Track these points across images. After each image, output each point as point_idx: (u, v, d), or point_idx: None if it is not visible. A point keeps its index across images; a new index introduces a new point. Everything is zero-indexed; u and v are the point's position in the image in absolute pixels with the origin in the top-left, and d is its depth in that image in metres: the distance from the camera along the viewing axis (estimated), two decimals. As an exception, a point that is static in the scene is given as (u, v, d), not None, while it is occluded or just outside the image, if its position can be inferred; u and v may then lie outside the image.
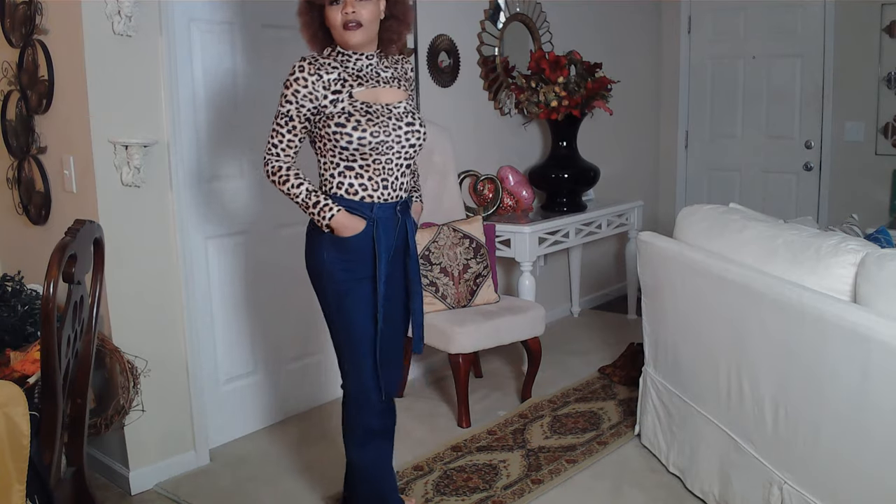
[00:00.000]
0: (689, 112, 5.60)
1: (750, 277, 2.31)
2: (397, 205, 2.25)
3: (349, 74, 2.19)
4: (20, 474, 1.73)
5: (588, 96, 4.13)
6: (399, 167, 2.22)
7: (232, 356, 3.25)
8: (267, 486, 2.89)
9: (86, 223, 2.02)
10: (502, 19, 4.30)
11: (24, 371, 2.30)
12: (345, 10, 2.12)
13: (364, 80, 2.21)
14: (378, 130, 2.15)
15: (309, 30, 2.22)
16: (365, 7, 2.14)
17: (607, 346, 4.34)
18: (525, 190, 4.32)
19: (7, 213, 3.17)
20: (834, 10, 4.83)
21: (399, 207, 2.26)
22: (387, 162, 2.19)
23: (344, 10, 2.13)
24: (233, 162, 3.16)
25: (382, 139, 2.15)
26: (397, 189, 2.24)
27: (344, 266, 2.22)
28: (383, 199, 2.21)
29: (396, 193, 2.24)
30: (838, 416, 1.98)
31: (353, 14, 2.12)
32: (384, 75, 2.26)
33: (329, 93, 2.15)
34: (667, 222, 5.01)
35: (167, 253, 2.86)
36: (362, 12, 2.14)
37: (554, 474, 2.89)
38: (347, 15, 2.12)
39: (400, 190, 2.25)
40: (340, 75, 2.18)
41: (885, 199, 4.75)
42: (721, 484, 2.54)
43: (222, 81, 3.10)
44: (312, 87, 2.14)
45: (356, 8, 2.13)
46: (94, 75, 2.60)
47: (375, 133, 2.14)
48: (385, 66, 2.28)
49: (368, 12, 2.15)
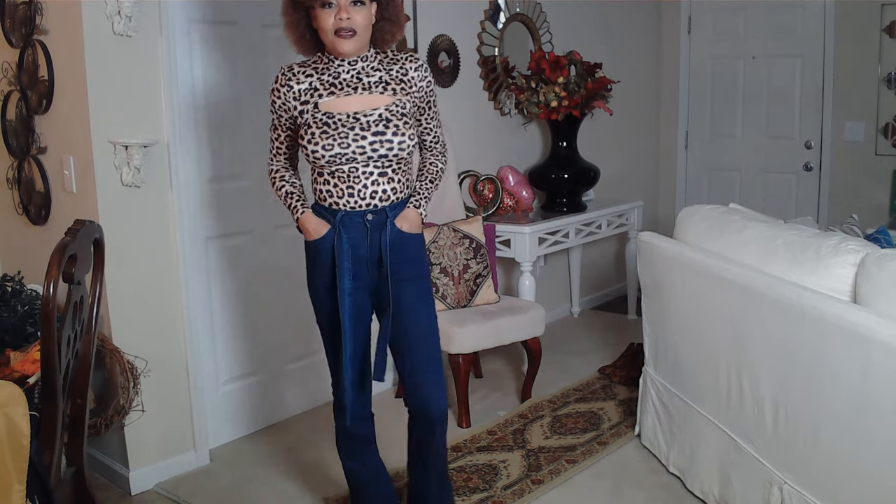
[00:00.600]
0: (689, 112, 5.60)
1: (750, 278, 2.31)
2: (366, 213, 2.15)
3: (322, 83, 2.16)
4: (20, 474, 1.73)
5: (588, 96, 4.13)
6: (368, 175, 2.13)
7: (232, 356, 3.25)
8: (267, 486, 2.89)
9: (86, 223, 2.02)
10: (502, 19, 4.31)
11: (24, 371, 2.30)
12: (339, 15, 2.05)
13: (338, 88, 2.15)
14: (332, 143, 2.09)
15: (295, 31, 2.17)
16: (359, 13, 2.07)
17: (607, 346, 4.34)
18: (525, 190, 4.32)
19: (7, 214, 3.17)
20: (834, 10, 4.83)
21: (371, 217, 2.15)
22: (350, 171, 2.13)
23: (338, 15, 2.05)
24: (233, 162, 3.16)
25: (338, 151, 2.09)
26: (366, 197, 2.14)
27: (314, 272, 2.25)
28: (349, 207, 2.15)
29: (365, 202, 2.15)
30: (838, 417, 1.98)
31: (348, 21, 2.05)
32: (368, 80, 2.16)
33: (298, 103, 2.16)
34: (667, 222, 5.01)
35: (167, 253, 2.86)
36: (356, 18, 2.06)
37: (554, 474, 2.89)
38: (341, 21, 2.05)
39: (372, 199, 2.15)
40: (312, 84, 2.16)
41: (885, 199, 4.75)
42: (721, 484, 2.54)
43: (222, 81, 3.10)
44: (284, 97, 2.18)
45: (351, 14, 2.05)
46: (94, 75, 2.60)
47: (328, 146, 2.09)
48: (375, 69, 2.18)
49: (362, 18, 2.08)
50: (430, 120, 2.30)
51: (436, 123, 2.32)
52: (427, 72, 2.24)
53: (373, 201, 2.15)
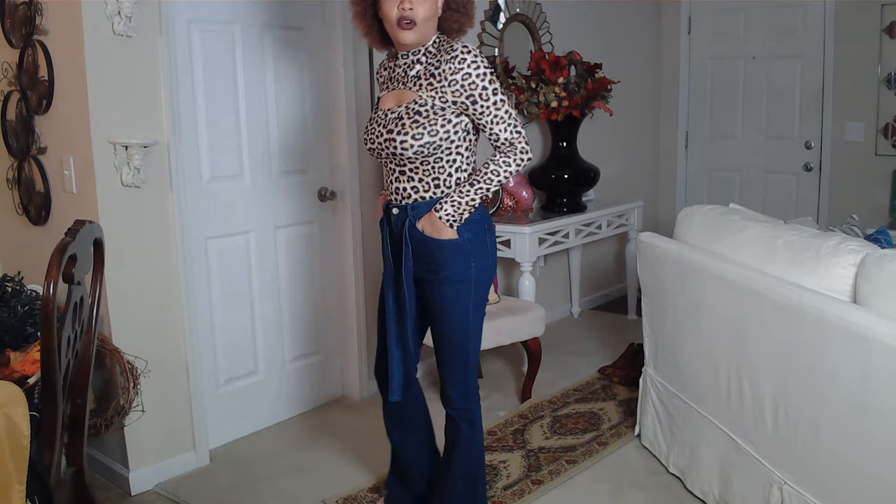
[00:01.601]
0: (689, 112, 5.60)
1: (750, 278, 2.31)
2: (392, 208, 2.24)
3: (384, 79, 2.29)
4: (20, 475, 1.73)
5: (588, 97, 4.13)
6: (392, 172, 2.21)
7: (232, 356, 3.25)
8: (267, 486, 2.89)
9: (86, 223, 2.02)
10: (502, 20, 4.31)
11: (24, 371, 2.30)
12: (402, 4, 2.04)
13: (391, 84, 2.23)
14: (366, 138, 2.23)
15: (363, 22, 2.18)
16: (422, 4, 2.05)
17: (607, 346, 4.34)
18: (525, 190, 4.32)
19: (7, 214, 3.17)
20: (834, 10, 4.83)
21: (396, 212, 2.22)
22: (383, 165, 2.27)
23: (401, 4, 2.04)
24: (233, 162, 3.16)
25: (370, 147, 2.22)
26: (392, 192, 2.24)
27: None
28: (390, 198, 2.27)
29: (392, 196, 2.24)
30: (838, 417, 1.98)
31: (410, 11, 2.04)
32: (410, 74, 2.15)
33: None
34: (667, 223, 5.02)
35: (167, 253, 2.86)
36: (419, 9, 2.05)
37: (554, 475, 2.89)
38: (404, 11, 2.04)
39: (396, 194, 2.21)
40: (383, 77, 2.31)
41: (885, 199, 4.75)
42: (721, 484, 2.54)
43: (222, 82, 3.10)
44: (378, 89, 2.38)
45: (413, 4, 2.04)
46: (94, 76, 2.60)
47: (364, 140, 2.25)
48: (419, 61, 2.14)
49: (426, 9, 2.06)
50: (483, 116, 2.11)
51: (492, 119, 2.11)
52: (464, 64, 2.06)
53: (397, 197, 2.22)
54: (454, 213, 2.13)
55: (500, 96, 2.10)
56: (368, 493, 2.79)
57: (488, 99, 2.09)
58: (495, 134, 2.14)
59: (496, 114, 2.11)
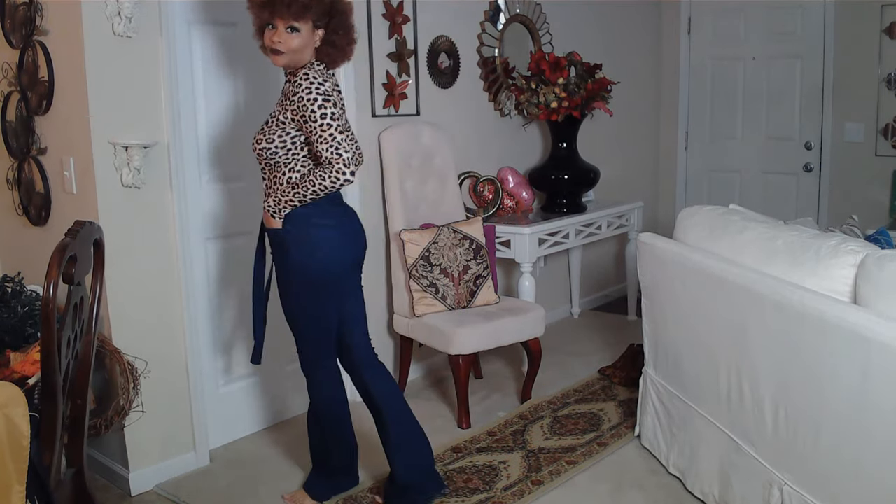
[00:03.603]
0: (689, 113, 5.61)
1: (750, 278, 2.30)
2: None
3: None
4: (20, 475, 1.73)
5: (588, 97, 4.13)
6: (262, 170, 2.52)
7: (232, 356, 3.25)
8: (267, 486, 2.89)
9: (86, 224, 2.02)
10: (502, 20, 4.31)
11: (23, 372, 2.30)
12: (273, 37, 2.34)
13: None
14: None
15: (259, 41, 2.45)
16: (293, 39, 2.33)
17: (607, 346, 4.34)
18: (525, 191, 4.32)
19: (7, 214, 3.17)
20: (834, 10, 4.83)
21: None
22: None
23: (273, 37, 2.34)
24: (232, 162, 3.16)
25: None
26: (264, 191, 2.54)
27: None
28: None
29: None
30: (838, 417, 1.98)
31: (279, 44, 2.34)
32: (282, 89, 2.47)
33: None
34: (667, 223, 5.01)
35: (167, 253, 2.86)
36: (290, 43, 2.33)
37: (554, 475, 2.89)
38: (273, 43, 2.34)
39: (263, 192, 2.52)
40: None
41: (885, 199, 4.75)
42: (721, 485, 2.54)
43: (222, 82, 3.10)
44: None
45: (283, 38, 2.33)
46: (94, 76, 2.60)
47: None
48: (287, 80, 2.43)
49: (296, 43, 2.34)
50: (311, 134, 2.32)
51: (317, 139, 2.30)
52: (300, 88, 2.32)
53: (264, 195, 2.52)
54: (274, 206, 2.43)
55: (328, 120, 2.30)
56: (368, 493, 2.80)
57: (315, 120, 2.31)
58: (318, 151, 2.33)
59: (321, 134, 2.31)
